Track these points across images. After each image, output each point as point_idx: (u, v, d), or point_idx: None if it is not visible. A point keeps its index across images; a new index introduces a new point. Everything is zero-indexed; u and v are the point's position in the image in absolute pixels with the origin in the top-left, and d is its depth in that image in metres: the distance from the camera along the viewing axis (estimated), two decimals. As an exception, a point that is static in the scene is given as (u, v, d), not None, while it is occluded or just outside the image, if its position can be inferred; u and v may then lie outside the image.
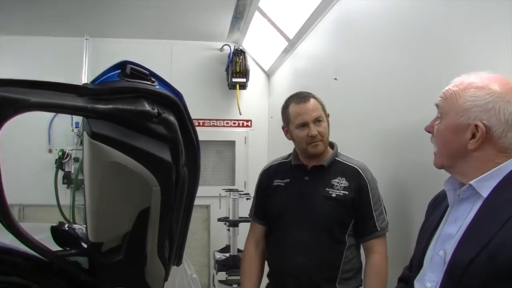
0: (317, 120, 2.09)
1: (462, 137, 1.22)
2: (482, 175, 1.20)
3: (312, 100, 2.11)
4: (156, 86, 1.41)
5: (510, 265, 1.04)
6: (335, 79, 3.05)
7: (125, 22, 4.70)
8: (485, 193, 1.19)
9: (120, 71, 1.40)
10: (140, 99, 1.36)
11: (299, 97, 2.14)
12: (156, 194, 1.42)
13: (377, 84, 2.47)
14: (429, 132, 1.34)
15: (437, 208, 1.41)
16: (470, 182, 1.22)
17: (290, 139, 2.20)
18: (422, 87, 1.93)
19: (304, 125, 2.09)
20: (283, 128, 2.23)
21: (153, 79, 1.43)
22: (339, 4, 3.06)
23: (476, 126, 1.19)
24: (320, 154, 2.13)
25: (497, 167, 1.19)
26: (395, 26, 2.28)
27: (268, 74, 5.47)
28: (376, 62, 2.48)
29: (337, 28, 3.15)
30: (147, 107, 1.35)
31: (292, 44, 4.23)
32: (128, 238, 1.54)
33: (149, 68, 1.45)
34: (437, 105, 1.31)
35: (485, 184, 1.19)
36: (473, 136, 1.20)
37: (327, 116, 2.16)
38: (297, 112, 2.11)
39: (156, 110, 1.35)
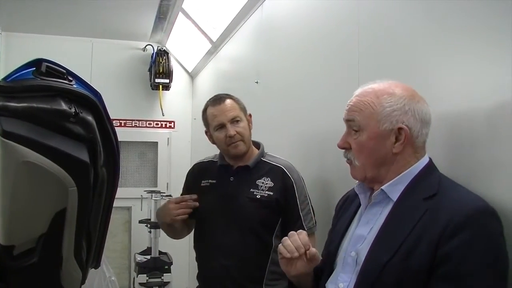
0: (234, 120, 2.09)
1: (387, 143, 1.25)
2: (392, 180, 1.26)
3: (228, 101, 2.12)
4: (74, 85, 1.38)
5: (421, 262, 1.12)
6: (257, 82, 3.12)
7: (42, 17, 4.50)
8: (394, 196, 1.25)
9: (35, 68, 1.36)
10: (56, 98, 1.32)
11: (215, 99, 2.15)
12: (73, 195, 1.39)
13: (297, 87, 2.55)
14: (343, 148, 1.34)
15: (348, 209, 1.45)
16: (382, 187, 1.27)
17: (213, 143, 2.19)
18: (341, 90, 1.97)
19: (222, 126, 2.09)
20: (206, 132, 2.21)
21: (71, 78, 1.39)
22: (261, 9, 3.13)
23: (399, 129, 1.24)
24: (242, 154, 2.12)
25: (405, 172, 1.26)
26: (315, 31, 2.35)
27: (192, 76, 5.46)
28: (297, 66, 2.56)
29: (259, 32, 3.22)
30: (64, 106, 1.31)
31: (216, 46, 4.27)
32: (43, 240, 1.49)
33: (67, 66, 1.42)
34: (350, 120, 1.31)
35: (395, 188, 1.25)
36: (397, 139, 1.25)
37: (249, 116, 2.18)
38: (214, 114, 2.11)
39: (73, 110, 1.32)
